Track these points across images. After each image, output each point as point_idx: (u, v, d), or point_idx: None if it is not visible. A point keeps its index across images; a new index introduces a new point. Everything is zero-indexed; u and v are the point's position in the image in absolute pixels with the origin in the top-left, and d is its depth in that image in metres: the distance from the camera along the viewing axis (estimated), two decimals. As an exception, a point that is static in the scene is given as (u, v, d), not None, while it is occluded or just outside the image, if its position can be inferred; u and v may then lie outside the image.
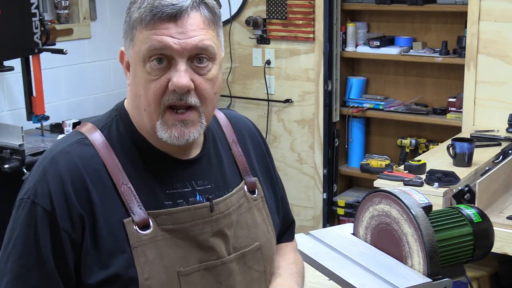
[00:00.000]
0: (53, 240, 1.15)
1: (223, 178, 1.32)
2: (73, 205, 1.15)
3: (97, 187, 1.17)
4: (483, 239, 1.43)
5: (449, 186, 2.55)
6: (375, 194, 1.47)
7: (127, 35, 1.20)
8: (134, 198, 1.18)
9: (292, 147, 4.28)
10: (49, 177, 1.17)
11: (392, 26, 4.13)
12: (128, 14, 1.19)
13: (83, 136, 1.23)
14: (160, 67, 1.16)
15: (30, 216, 1.16)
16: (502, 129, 3.32)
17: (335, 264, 1.44)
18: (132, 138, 1.24)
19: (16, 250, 1.16)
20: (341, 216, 4.16)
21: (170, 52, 1.15)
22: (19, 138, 3.00)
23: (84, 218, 1.15)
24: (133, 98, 1.22)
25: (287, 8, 4.06)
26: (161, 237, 1.19)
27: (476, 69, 3.46)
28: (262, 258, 1.34)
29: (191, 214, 1.23)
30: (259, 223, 1.35)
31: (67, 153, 1.20)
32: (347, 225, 1.63)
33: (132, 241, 1.16)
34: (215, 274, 1.24)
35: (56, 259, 1.15)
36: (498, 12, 3.37)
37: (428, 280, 1.33)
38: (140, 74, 1.17)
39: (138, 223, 1.17)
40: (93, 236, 1.16)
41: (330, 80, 4.03)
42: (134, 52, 1.18)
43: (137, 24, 1.16)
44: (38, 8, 3.26)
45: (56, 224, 1.15)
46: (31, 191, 1.18)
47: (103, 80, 4.24)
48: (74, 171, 1.17)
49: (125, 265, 1.16)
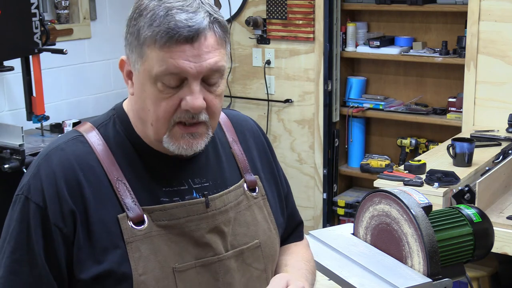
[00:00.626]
0: (44, 235, 1.16)
1: (221, 176, 1.32)
2: (65, 200, 1.16)
3: (91, 183, 1.18)
4: (483, 239, 1.43)
5: (449, 186, 2.55)
6: (375, 194, 1.47)
7: (134, 49, 1.16)
8: (129, 194, 1.19)
9: (292, 147, 4.28)
10: (42, 173, 1.19)
11: (392, 26, 4.13)
12: (134, 26, 1.16)
13: (79, 134, 1.25)
14: (173, 86, 1.15)
15: (23, 212, 1.18)
16: (502, 129, 3.32)
17: (335, 264, 1.44)
18: (129, 137, 1.25)
19: (9, 245, 1.18)
20: (341, 216, 4.16)
21: (185, 75, 1.14)
22: (19, 138, 3.00)
23: (76, 213, 1.16)
24: (139, 110, 1.21)
25: (287, 8, 4.06)
26: (156, 233, 1.19)
27: (476, 69, 3.46)
28: (262, 256, 1.33)
29: (186, 210, 1.23)
30: (259, 221, 1.34)
31: (61, 150, 1.21)
32: (347, 225, 1.63)
33: (126, 237, 1.17)
34: (212, 271, 1.24)
35: (47, 254, 1.16)
36: (498, 12, 3.37)
37: (428, 280, 1.33)
38: (150, 90, 1.16)
39: (133, 219, 1.18)
40: (86, 232, 1.17)
41: (330, 80, 4.03)
42: (144, 69, 1.15)
43: (149, 43, 1.13)
44: (38, 8, 3.26)
45: (48, 219, 1.16)
46: (25, 187, 1.19)
47: (103, 80, 4.24)
48: (67, 167, 1.19)
49: (118, 261, 1.16)
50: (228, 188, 1.31)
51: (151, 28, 1.12)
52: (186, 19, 1.12)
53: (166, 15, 1.12)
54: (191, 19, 1.12)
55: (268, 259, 1.35)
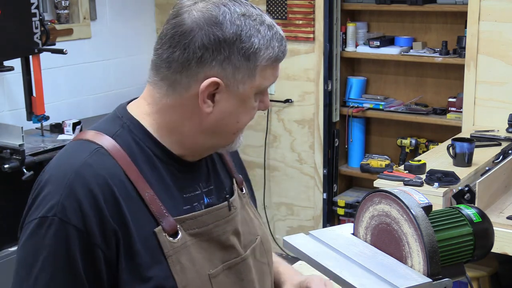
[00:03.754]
0: (86, 258, 1.11)
1: (219, 178, 1.33)
2: (107, 220, 1.11)
3: (125, 199, 1.14)
4: (483, 239, 1.43)
5: (449, 186, 2.55)
6: (375, 194, 1.47)
7: (241, 69, 1.18)
8: (160, 205, 1.17)
9: (292, 147, 4.28)
10: (78, 193, 1.11)
11: (392, 26, 4.13)
12: (249, 45, 1.17)
13: (99, 146, 1.18)
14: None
15: (59, 236, 1.10)
16: (502, 129, 3.32)
17: (335, 264, 1.44)
18: (148, 145, 1.21)
19: (46, 273, 1.11)
20: (341, 216, 4.16)
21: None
22: (19, 138, 3.00)
23: (118, 233, 1.12)
24: (216, 125, 1.21)
25: (287, 8, 4.06)
26: (190, 242, 1.19)
27: (476, 69, 3.46)
28: (264, 250, 1.37)
29: (214, 216, 1.24)
30: (252, 218, 1.38)
31: (90, 166, 1.14)
32: (347, 225, 1.63)
33: (166, 250, 1.15)
34: (237, 272, 1.26)
35: (90, 277, 1.12)
36: (498, 12, 3.37)
37: (428, 280, 1.33)
38: (250, 104, 1.22)
39: (168, 231, 1.16)
40: (128, 251, 1.13)
41: (330, 80, 4.03)
42: (252, 86, 1.20)
43: (266, 62, 1.20)
44: (38, 8, 3.26)
45: (90, 242, 1.11)
46: (57, 208, 1.11)
47: (103, 80, 4.24)
48: (103, 185, 1.12)
49: (163, 276, 1.14)
50: (225, 190, 1.32)
51: (271, 50, 1.20)
52: (282, 33, 1.23)
53: (275, 33, 1.21)
54: (282, 32, 1.23)
55: (268, 252, 1.39)
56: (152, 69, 1.21)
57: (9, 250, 3.05)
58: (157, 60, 1.19)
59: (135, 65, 4.43)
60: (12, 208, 3.14)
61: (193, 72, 1.16)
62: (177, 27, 1.16)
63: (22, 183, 3.00)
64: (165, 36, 1.18)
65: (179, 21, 1.16)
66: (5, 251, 3.05)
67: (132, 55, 4.42)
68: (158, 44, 1.19)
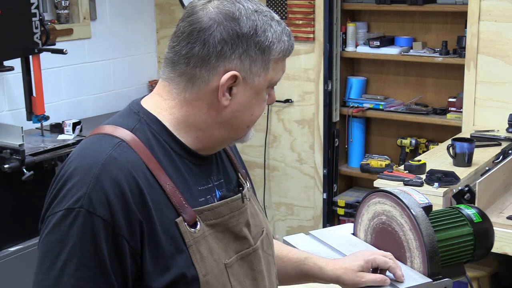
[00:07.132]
0: (112, 249, 1.13)
1: (226, 172, 1.37)
2: (133, 212, 1.14)
3: (148, 190, 1.17)
4: (483, 239, 1.43)
5: (449, 186, 2.55)
6: (375, 194, 1.47)
7: (258, 62, 1.23)
8: (180, 197, 1.21)
9: (292, 147, 4.28)
10: (105, 185, 1.14)
11: (392, 26, 4.13)
12: (264, 39, 1.23)
13: (120, 140, 1.21)
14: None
15: (85, 227, 1.13)
16: (502, 129, 3.32)
17: (335, 264, 1.44)
18: (165, 140, 1.25)
19: (72, 262, 1.12)
20: (341, 216, 4.16)
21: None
22: (19, 138, 3.00)
23: (143, 224, 1.15)
24: (232, 117, 1.25)
25: (287, 8, 4.06)
26: (208, 232, 1.23)
27: (476, 69, 3.47)
28: (269, 242, 1.40)
29: (229, 207, 1.28)
30: (257, 211, 1.41)
31: (115, 159, 1.17)
32: (347, 225, 1.64)
33: (187, 240, 1.19)
34: (249, 262, 1.30)
35: (114, 268, 1.14)
36: (498, 12, 3.37)
37: (428, 280, 1.33)
38: (262, 97, 1.27)
39: (189, 221, 1.20)
40: (152, 241, 1.16)
41: (330, 80, 4.03)
42: (266, 79, 1.25)
43: (279, 55, 1.25)
44: (38, 8, 3.26)
45: (115, 232, 1.13)
46: (83, 199, 1.13)
47: (103, 80, 4.24)
48: (128, 177, 1.16)
49: (185, 265, 1.18)
50: (232, 183, 1.36)
51: (282, 44, 1.25)
52: (288, 28, 1.29)
53: (284, 29, 1.26)
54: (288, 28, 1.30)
55: (272, 245, 1.42)
56: (168, 66, 1.25)
57: (9, 250, 3.05)
58: (174, 57, 1.23)
59: (135, 65, 4.43)
60: (12, 208, 3.14)
61: (213, 66, 1.21)
62: (194, 23, 1.21)
63: (22, 183, 3.00)
64: (182, 33, 1.22)
65: (196, 18, 1.21)
66: (5, 251, 3.05)
67: (132, 55, 4.42)
68: (175, 42, 1.23)
